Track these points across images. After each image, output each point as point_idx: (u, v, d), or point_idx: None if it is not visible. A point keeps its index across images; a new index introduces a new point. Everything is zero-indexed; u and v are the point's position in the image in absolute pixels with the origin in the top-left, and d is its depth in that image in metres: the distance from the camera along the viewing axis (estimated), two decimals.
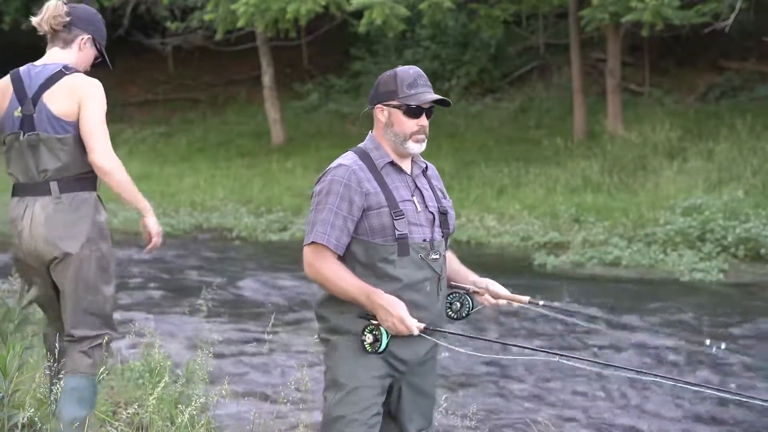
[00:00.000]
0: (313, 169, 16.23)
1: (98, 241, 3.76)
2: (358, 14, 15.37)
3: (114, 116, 23.42)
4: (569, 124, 16.52)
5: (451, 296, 3.41)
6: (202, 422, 4.06)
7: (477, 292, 3.43)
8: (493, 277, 3.45)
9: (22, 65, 3.89)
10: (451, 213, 3.37)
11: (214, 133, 20.85)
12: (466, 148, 16.77)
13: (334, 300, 3.19)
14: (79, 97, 3.72)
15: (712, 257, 10.70)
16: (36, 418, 3.67)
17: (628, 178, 13.89)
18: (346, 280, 3.10)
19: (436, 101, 3.24)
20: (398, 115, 3.22)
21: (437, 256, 3.23)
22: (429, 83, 3.27)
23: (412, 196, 3.24)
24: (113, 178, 3.73)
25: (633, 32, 16.33)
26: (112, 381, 5.12)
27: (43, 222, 3.71)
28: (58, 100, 3.71)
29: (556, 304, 3.58)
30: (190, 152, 19.45)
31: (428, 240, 3.21)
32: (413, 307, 3.16)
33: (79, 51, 3.87)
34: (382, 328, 3.09)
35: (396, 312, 3.03)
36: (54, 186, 3.72)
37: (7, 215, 3.80)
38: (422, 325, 3.09)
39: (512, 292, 3.47)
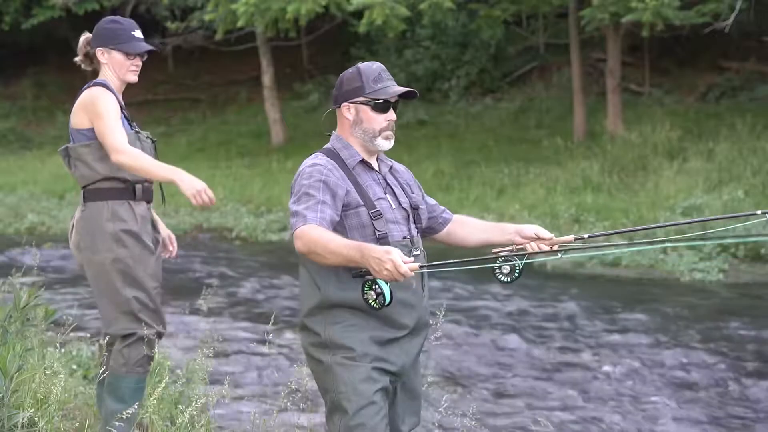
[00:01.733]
0: None
1: (114, 248, 3.92)
2: (358, 14, 15.37)
3: None
4: (569, 124, 16.52)
5: (498, 262, 3.20)
6: (202, 422, 4.06)
7: (522, 247, 3.29)
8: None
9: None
10: (422, 207, 3.33)
11: (214, 133, 20.86)
12: (466, 148, 16.76)
13: (324, 311, 3.13)
14: (86, 110, 3.95)
15: (712, 257, 10.70)
16: (36, 418, 3.67)
17: (628, 178, 13.89)
18: (335, 241, 2.97)
19: (404, 95, 3.21)
20: (366, 111, 3.19)
21: (418, 252, 3.20)
22: (392, 77, 3.25)
23: (386, 194, 3.21)
24: (131, 168, 3.84)
25: (633, 32, 16.32)
26: None
27: (74, 229, 4.03)
28: (73, 114, 4.00)
29: (600, 232, 3.49)
30: (190, 152, 19.45)
31: (407, 237, 3.19)
32: (402, 306, 3.13)
33: (105, 64, 4.03)
34: (379, 281, 2.96)
35: (388, 257, 2.87)
36: (82, 195, 4.01)
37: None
38: (416, 265, 2.94)
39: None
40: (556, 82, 19.36)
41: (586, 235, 3.39)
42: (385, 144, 3.22)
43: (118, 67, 4.01)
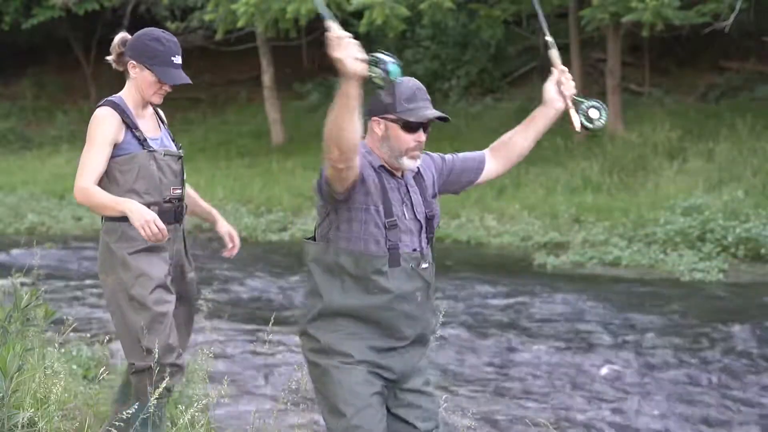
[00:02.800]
0: (312, 169, 16.22)
1: (120, 270, 3.78)
2: (358, 14, 15.37)
3: None
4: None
5: (582, 107, 3.49)
6: (202, 422, 4.06)
7: (572, 97, 3.56)
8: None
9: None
10: (437, 212, 3.28)
11: (214, 133, 20.86)
12: (466, 148, 16.51)
13: (326, 319, 3.12)
14: (87, 131, 3.85)
15: (712, 257, 10.70)
16: (36, 418, 3.67)
17: (628, 178, 13.89)
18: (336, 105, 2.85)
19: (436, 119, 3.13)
20: (395, 129, 3.10)
21: (427, 265, 3.16)
22: (428, 97, 3.16)
23: (403, 203, 3.15)
24: (87, 206, 3.78)
25: (633, 32, 16.33)
26: (113, 381, 5.13)
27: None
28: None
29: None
30: (190, 152, 19.34)
31: (418, 249, 3.14)
32: (405, 317, 3.12)
33: (134, 78, 3.86)
34: (383, 58, 2.91)
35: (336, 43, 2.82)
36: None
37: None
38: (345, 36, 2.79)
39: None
40: None
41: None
42: (411, 164, 3.14)
43: (145, 87, 3.85)
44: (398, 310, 3.10)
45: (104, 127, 3.79)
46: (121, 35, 3.94)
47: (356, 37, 2.88)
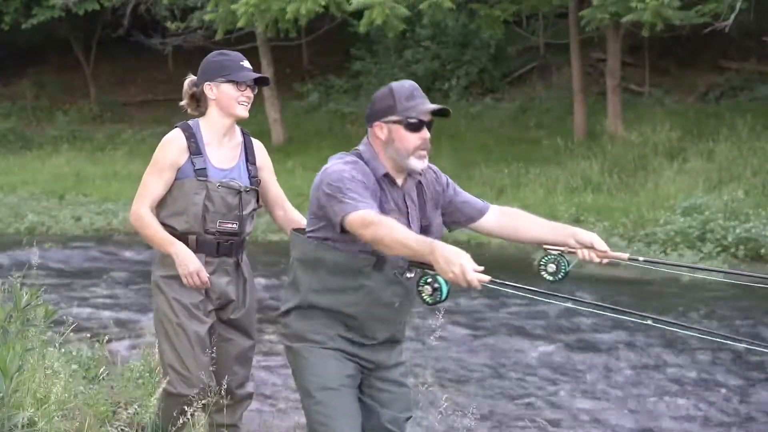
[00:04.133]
0: (312, 169, 16.19)
1: (156, 294, 3.85)
2: (358, 14, 15.37)
3: (114, 116, 23.49)
4: (569, 124, 16.52)
5: (545, 258, 3.21)
6: (202, 422, 4.06)
7: (573, 252, 3.24)
8: (493, 277, 3.36)
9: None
10: (436, 222, 3.27)
11: None
12: (466, 148, 16.76)
13: (300, 311, 3.17)
14: None
15: (712, 257, 10.70)
16: (36, 418, 3.67)
17: (628, 178, 13.89)
18: (401, 230, 2.83)
19: (436, 113, 3.12)
20: (399, 130, 3.09)
21: (412, 275, 3.11)
22: (425, 95, 3.16)
23: (399, 213, 3.14)
24: (139, 232, 3.86)
25: (633, 32, 16.33)
26: (113, 381, 5.13)
27: None
28: None
29: (656, 259, 3.51)
30: None
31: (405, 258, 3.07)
32: (376, 320, 3.14)
33: (213, 100, 3.85)
34: (439, 278, 2.83)
35: (458, 260, 2.72)
36: None
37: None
38: (486, 278, 2.76)
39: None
40: (556, 82, 19.36)
41: (640, 258, 3.43)
42: (418, 164, 3.12)
43: (226, 101, 3.81)
44: (372, 312, 3.11)
45: (165, 151, 3.80)
46: (190, 78, 3.97)
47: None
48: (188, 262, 3.71)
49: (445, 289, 2.85)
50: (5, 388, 3.40)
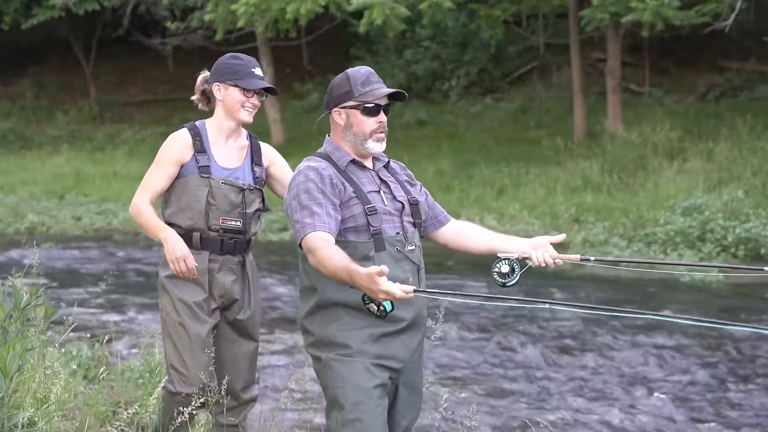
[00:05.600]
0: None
1: (162, 294, 3.90)
2: (358, 14, 15.38)
3: (114, 116, 23.49)
4: (569, 124, 16.52)
5: (498, 262, 3.31)
6: (202, 422, 4.06)
7: (527, 256, 3.38)
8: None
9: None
10: (423, 202, 3.36)
11: None
12: (466, 148, 16.76)
13: (321, 312, 3.17)
14: None
15: (712, 257, 10.70)
16: (36, 418, 3.67)
17: (628, 178, 13.90)
18: (333, 260, 2.96)
19: (393, 98, 3.23)
20: (356, 115, 3.21)
21: (413, 248, 3.22)
22: (381, 80, 3.26)
23: (379, 189, 3.23)
24: (136, 222, 3.95)
25: (633, 32, 16.34)
26: (113, 381, 5.13)
27: None
28: None
29: (608, 258, 3.62)
30: None
31: (401, 233, 3.20)
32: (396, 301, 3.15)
33: (220, 101, 3.91)
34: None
35: (378, 289, 2.84)
36: None
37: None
38: (410, 288, 2.88)
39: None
40: (556, 82, 19.37)
41: (591, 258, 3.57)
42: (376, 147, 3.24)
43: (231, 104, 3.87)
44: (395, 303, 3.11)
45: (169, 148, 3.87)
46: (203, 74, 4.02)
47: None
48: (176, 248, 3.76)
49: (388, 304, 3.04)
50: (5, 388, 3.40)
